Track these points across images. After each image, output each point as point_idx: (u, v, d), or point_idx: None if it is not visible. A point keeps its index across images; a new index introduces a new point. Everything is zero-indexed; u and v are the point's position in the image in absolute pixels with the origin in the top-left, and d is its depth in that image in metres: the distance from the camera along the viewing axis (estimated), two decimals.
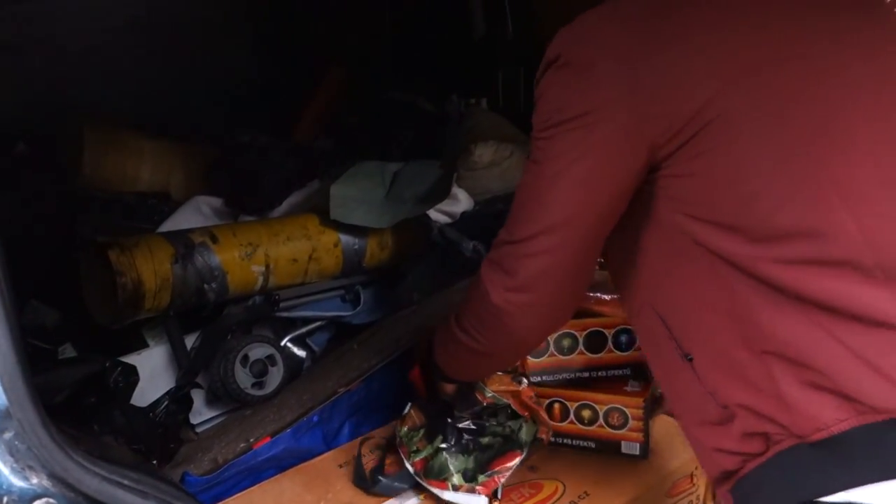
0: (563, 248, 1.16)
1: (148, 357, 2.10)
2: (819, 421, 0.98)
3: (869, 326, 0.98)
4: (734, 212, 1.04)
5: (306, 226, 2.22)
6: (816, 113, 1.05)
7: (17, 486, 0.78)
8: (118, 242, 1.92)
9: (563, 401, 1.69)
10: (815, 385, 0.98)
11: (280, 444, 1.66)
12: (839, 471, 0.97)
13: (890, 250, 1.00)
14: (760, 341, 1.03)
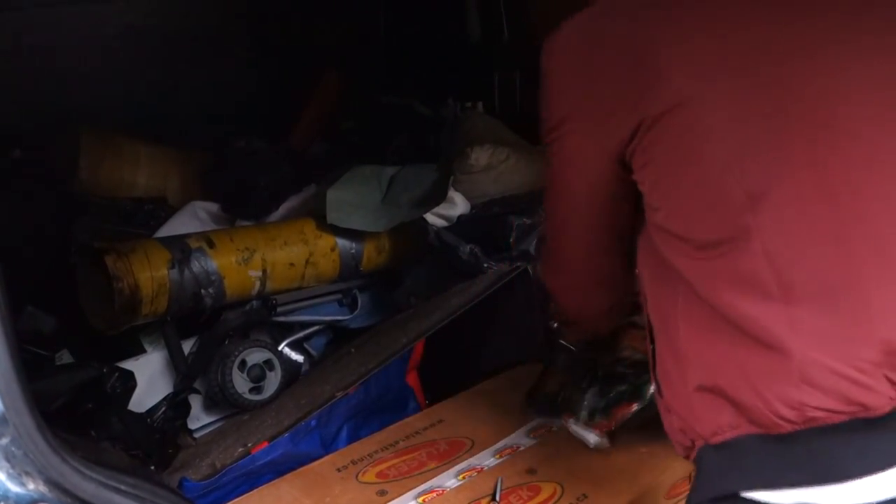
0: (576, 242, 1.25)
1: (145, 363, 2.10)
2: (716, 425, 1.02)
3: (763, 348, 0.97)
4: (681, 218, 1.05)
5: (303, 230, 2.22)
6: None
7: (14, 491, 0.77)
8: (115, 248, 1.92)
9: None
10: (716, 392, 1.02)
11: (278, 449, 1.65)
12: (733, 474, 1.02)
13: (793, 268, 0.97)
14: (676, 345, 1.08)
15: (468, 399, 1.91)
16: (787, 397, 0.95)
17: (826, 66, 1.00)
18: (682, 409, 1.09)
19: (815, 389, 0.94)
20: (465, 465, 1.66)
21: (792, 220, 0.97)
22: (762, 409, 0.97)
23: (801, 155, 0.98)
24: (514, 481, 1.59)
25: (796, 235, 0.97)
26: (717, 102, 1.00)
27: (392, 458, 1.69)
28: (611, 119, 1.07)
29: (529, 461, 1.66)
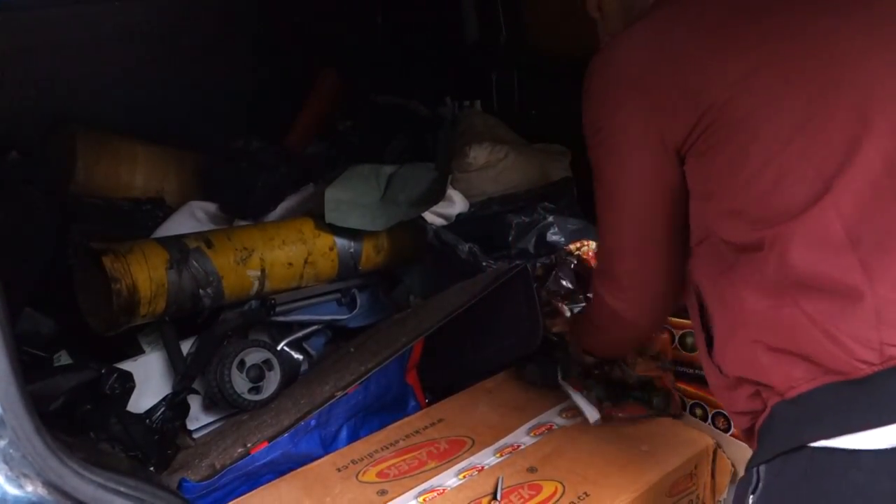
0: (643, 249, 1.31)
1: (144, 363, 2.09)
2: (791, 380, 1.08)
3: (839, 298, 1.04)
4: (735, 196, 1.13)
5: (301, 230, 2.21)
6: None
7: (13, 494, 0.77)
8: (113, 248, 1.91)
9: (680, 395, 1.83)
10: (789, 352, 1.07)
11: (278, 449, 1.65)
12: (809, 425, 1.06)
13: (861, 224, 1.05)
14: (742, 316, 1.13)
15: (468, 398, 1.90)
16: (866, 339, 1.01)
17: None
18: (754, 375, 1.13)
19: (894, 328, 1.01)
20: (465, 463, 1.66)
21: (861, 187, 1.05)
22: (840, 356, 1.02)
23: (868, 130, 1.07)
24: (515, 480, 1.59)
25: (863, 196, 1.05)
26: (774, 91, 1.10)
27: (392, 458, 1.69)
28: (672, 116, 1.16)
29: (530, 460, 1.66)
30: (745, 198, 1.12)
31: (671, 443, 1.70)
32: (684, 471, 1.67)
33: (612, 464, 1.64)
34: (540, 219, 2.23)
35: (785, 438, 1.09)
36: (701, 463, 1.71)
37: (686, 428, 1.76)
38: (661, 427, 1.76)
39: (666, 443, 1.70)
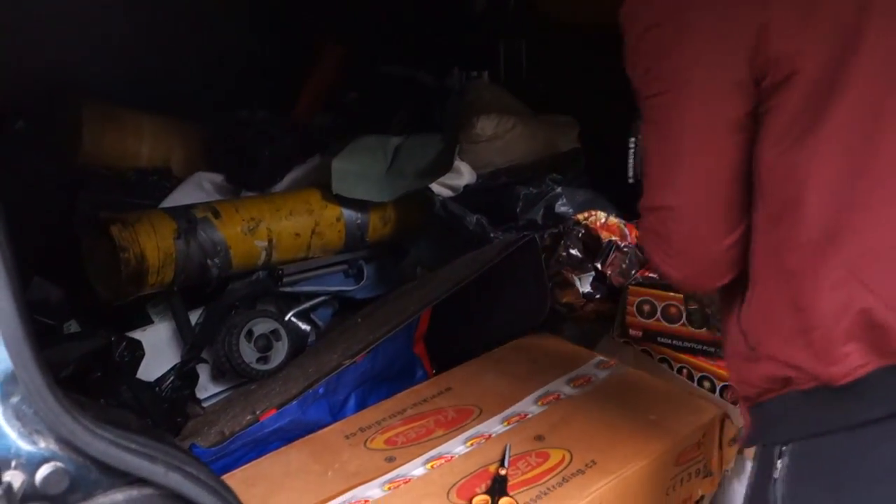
0: (706, 204, 1.15)
1: (153, 333, 2.10)
2: (845, 366, 1.02)
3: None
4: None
5: (308, 200, 2.21)
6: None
7: (26, 450, 0.77)
8: (120, 218, 1.91)
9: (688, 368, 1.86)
10: (845, 333, 1.02)
11: (286, 416, 1.65)
12: (859, 411, 1.02)
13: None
14: (799, 294, 1.05)
15: (476, 367, 1.91)
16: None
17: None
18: (788, 357, 1.08)
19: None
20: (473, 431, 1.66)
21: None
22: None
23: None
24: (523, 448, 1.59)
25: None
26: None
27: (400, 426, 1.69)
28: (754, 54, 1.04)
29: (538, 428, 1.66)
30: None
31: (679, 412, 1.70)
32: (692, 440, 1.67)
33: (620, 432, 1.64)
34: (548, 190, 2.22)
35: (825, 421, 1.06)
36: (709, 432, 1.70)
37: (694, 398, 1.76)
38: (669, 396, 1.76)
39: (674, 412, 1.70)
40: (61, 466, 0.78)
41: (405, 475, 1.54)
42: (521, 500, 1.44)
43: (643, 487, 1.58)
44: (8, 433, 0.77)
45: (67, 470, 0.78)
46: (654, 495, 1.62)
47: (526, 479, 1.50)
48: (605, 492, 1.49)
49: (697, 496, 1.72)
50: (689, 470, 1.68)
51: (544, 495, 1.46)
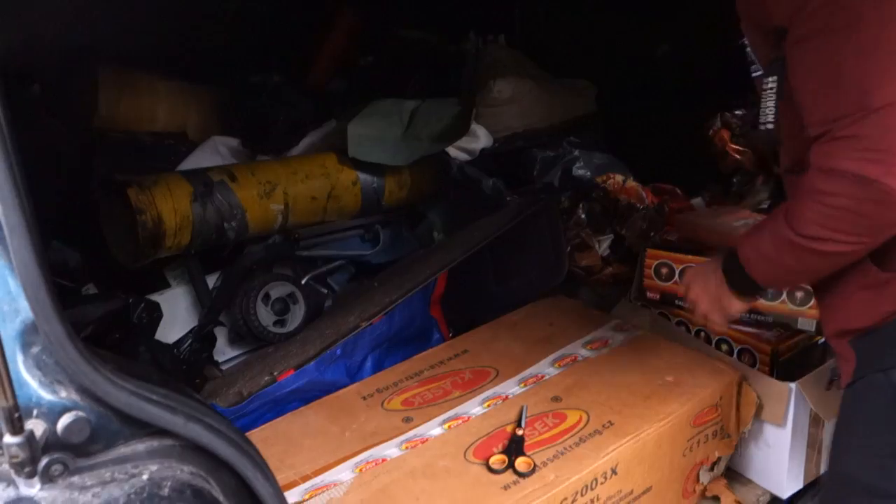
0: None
1: (170, 297, 2.11)
2: None
3: None
4: None
5: (325, 164, 2.20)
6: None
7: (47, 399, 0.78)
8: (137, 181, 1.91)
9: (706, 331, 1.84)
10: None
11: (304, 377, 1.66)
12: None
13: None
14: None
15: (492, 330, 1.90)
16: None
17: None
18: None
19: None
20: (490, 393, 1.66)
21: None
22: None
23: None
24: (540, 408, 1.59)
25: None
26: None
27: (417, 387, 1.70)
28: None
29: (554, 389, 1.66)
30: None
31: (696, 374, 1.69)
32: (709, 402, 1.66)
33: (637, 394, 1.64)
34: (565, 153, 2.20)
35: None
36: (726, 395, 1.70)
37: (711, 360, 1.75)
38: (686, 359, 1.75)
39: (691, 374, 1.70)
40: (82, 416, 0.78)
41: (422, 435, 1.54)
42: (537, 459, 1.44)
43: (660, 448, 1.58)
44: (29, 382, 0.78)
45: (88, 419, 0.78)
46: (670, 456, 1.62)
47: (542, 440, 1.50)
48: (622, 452, 1.49)
49: (714, 458, 1.72)
50: (706, 432, 1.68)
51: (561, 455, 1.46)
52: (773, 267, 1.26)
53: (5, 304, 0.79)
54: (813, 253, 1.16)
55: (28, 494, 0.77)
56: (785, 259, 1.21)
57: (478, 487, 1.39)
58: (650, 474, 1.58)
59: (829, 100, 1.08)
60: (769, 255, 1.23)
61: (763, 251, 1.24)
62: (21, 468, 0.74)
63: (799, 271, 1.26)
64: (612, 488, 1.50)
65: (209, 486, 0.85)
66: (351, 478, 1.43)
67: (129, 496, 0.78)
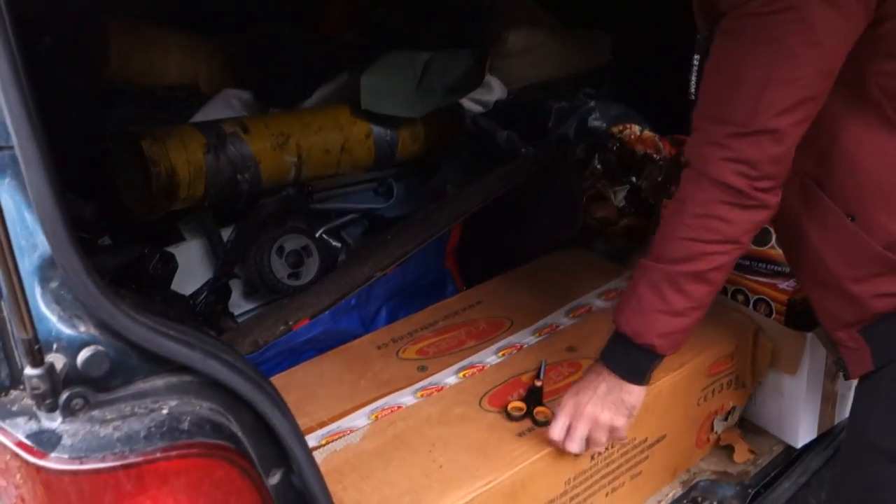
0: (803, 124, 1.10)
1: (185, 250, 2.11)
2: None
3: None
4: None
5: (338, 117, 2.18)
6: None
7: (66, 333, 0.78)
8: (150, 132, 1.90)
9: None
10: None
11: (319, 326, 1.67)
12: None
13: None
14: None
15: (507, 281, 1.90)
16: None
17: None
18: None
19: None
20: (504, 342, 1.67)
21: None
22: None
23: None
24: (555, 358, 1.60)
25: None
26: None
27: (432, 337, 1.70)
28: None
29: (569, 339, 1.66)
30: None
31: (712, 323, 1.67)
32: (724, 352, 1.66)
33: None
34: (581, 104, 2.17)
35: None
36: (742, 345, 1.69)
37: (728, 310, 1.74)
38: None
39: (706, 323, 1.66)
40: (102, 350, 0.78)
41: (437, 383, 1.55)
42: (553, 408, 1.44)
43: (674, 397, 1.58)
44: (48, 317, 0.78)
45: (108, 354, 0.79)
46: (685, 405, 1.62)
47: (557, 389, 1.50)
48: None
49: (729, 407, 1.73)
50: (721, 381, 1.68)
51: None
52: (664, 319, 1.21)
53: (22, 239, 0.79)
54: (695, 278, 1.18)
55: (50, 428, 0.78)
56: (672, 300, 1.19)
57: (493, 434, 1.40)
58: (664, 423, 1.58)
59: (721, 101, 1.10)
60: (653, 306, 1.20)
61: (646, 305, 1.20)
62: (42, 400, 0.75)
63: (691, 307, 1.23)
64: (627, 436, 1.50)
65: (228, 422, 0.85)
66: (366, 424, 1.44)
67: (150, 429, 0.79)
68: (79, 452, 0.75)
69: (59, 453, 0.75)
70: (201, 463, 0.79)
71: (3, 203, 0.76)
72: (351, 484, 1.28)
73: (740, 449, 1.72)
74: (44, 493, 0.75)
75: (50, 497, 0.75)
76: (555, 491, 1.40)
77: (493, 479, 1.28)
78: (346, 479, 1.29)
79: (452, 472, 1.30)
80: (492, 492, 1.28)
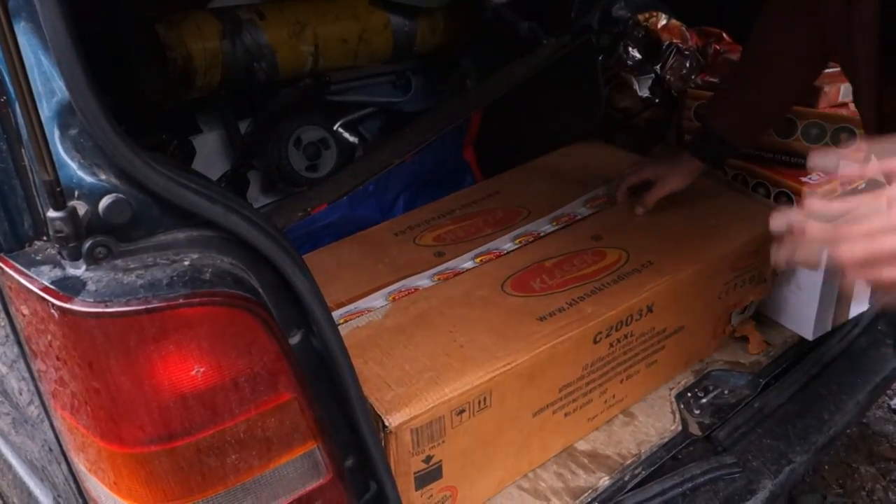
0: None
1: (202, 142, 2.10)
2: None
3: None
4: None
5: (355, 5, 2.12)
6: None
7: (87, 180, 0.78)
8: (166, 17, 1.87)
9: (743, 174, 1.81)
10: None
11: (337, 212, 1.67)
12: None
13: None
14: None
15: (525, 172, 1.89)
16: None
17: None
18: None
19: None
20: (521, 230, 1.66)
21: None
22: None
23: None
24: (579, 246, 1.59)
25: None
26: None
27: (449, 224, 1.70)
28: None
29: (593, 229, 1.65)
30: None
31: (739, 217, 1.67)
32: (750, 247, 1.64)
33: (676, 235, 1.62)
34: None
35: None
36: (767, 241, 1.68)
37: (755, 204, 1.72)
38: (729, 202, 1.73)
39: (734, 217, 1.67)
40: (123, 198, 0.78)
41: (455, 268, 1.56)
42: (575, 294, 1.44)
43: (696, 290, 1.58)
44: (69, 163, 0.78)
45: (129, 202, 0.79)
46: (706, 298, 1.62)
47: (581, 275, 1.50)
48: (658, 291, 1.49)
49: (748, 302, 1.73)
50: (744, 276, 1.67)
51: (598, 291, 1.46)
52: None
53: (40, 84, 0.78)
54: None
55: (75, 274, 0.78)
56: None
57: (513, 317, 1.40)
58: (684, 315, 1.59)
59: None
60: None
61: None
62: (65, 243, 0.75)
63: None
64: (646, 325, 1.51)
65: (248, 277, 0.86)
66: (384, 304, 1.45)
67: (172, 278, 0.79)
68: (103, 297, 0.76)
69: (85, 297, 0.76)
70: (224, 311, 0.80)
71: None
72: (372, 358, 1.30)
73: (755, 340, 1.73)
74: (71, 334, 0.77)
75: (78, 338, 0.76)
76: (572, 375, 1.42)
77: (513, 361, 1.30)
78: (368, 353, 1.31)
79: (472, 353, 1.31)
80: (510, 373, 1.30)
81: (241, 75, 1.96)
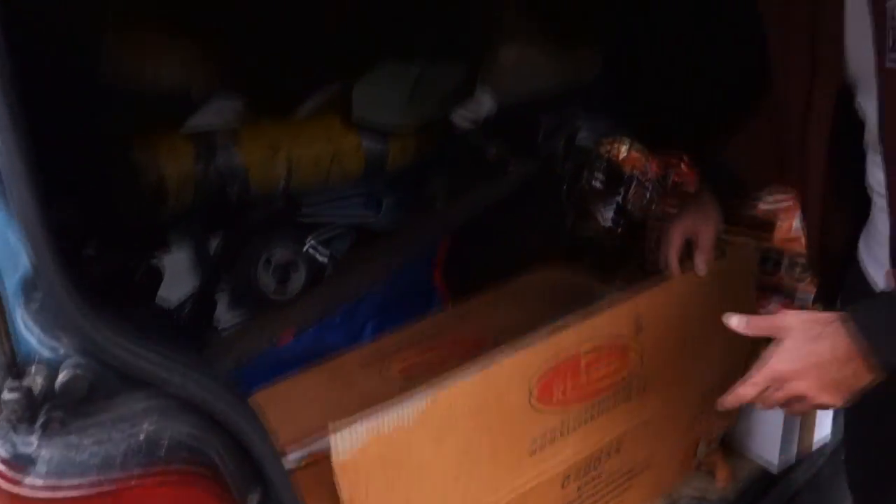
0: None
1: (171, 261, 2.10)
2: None
3: None
4: None
5: (329, 127, 2.19)
6: None
7: (46, 355, 0.77)
8: (140, 140, 1.90)
9: None
10: None
11: (303, 342, 1.66)
12: None
13: None
14: None
15: (491, 298, 1.89)
16: None
17: None
18: None
19: None
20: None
21: None
22: None
23: None
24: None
25: None
26: None
27: (415, 357, 1.68)
28: None
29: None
30: None
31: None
32: (718, 379, 1.65)
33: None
34: (570, 120, 2.17)
35: None
36: (734, 370, 1.69)
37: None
38: None
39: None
40: (80, 372, 0.78)
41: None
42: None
43: (665, 426, 1.57)
44: (28, 338, 0.78)
45: (86, 376, 0.78)
46: (674, 433, 1.61)
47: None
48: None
49: (715, 433, 1.72)
50: (711, 406, 1.67)
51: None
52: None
53: (5, 259, 0.78)
54: None
55: (26, 452, 0.77)
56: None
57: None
58: (651, 452, 1.58)
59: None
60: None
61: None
62: (18, 422, 0.74)
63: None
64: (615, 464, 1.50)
65: (206, 444, 0.85)
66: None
67: (126, 455, 0.78)
68: (54, 477, 0.74)
69: (35, 477, 0.74)
70: (179, 490, 0.79)
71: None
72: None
73: (721, 474, 1.73)
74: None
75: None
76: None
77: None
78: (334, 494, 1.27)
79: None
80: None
81: (213, 196, 1.99)
